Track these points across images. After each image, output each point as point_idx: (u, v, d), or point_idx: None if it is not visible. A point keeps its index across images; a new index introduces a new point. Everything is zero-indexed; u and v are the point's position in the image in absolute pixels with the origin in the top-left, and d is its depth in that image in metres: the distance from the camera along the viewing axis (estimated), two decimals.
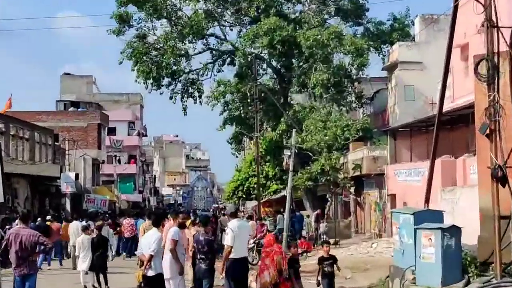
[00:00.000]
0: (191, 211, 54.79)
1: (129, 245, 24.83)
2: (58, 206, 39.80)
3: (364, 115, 36.48)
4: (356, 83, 34.25)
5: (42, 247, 10.62)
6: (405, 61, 31.08)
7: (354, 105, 34.72)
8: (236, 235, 10.72)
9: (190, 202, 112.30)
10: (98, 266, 15.48)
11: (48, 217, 25.14)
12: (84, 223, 21.67)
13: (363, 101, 35.51)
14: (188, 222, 14.03)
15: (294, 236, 29.60)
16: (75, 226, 21.71)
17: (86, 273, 15.69)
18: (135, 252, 13.13)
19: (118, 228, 26.01)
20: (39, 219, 23.97)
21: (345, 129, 29.25)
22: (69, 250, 23.05)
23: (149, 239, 10.74)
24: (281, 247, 12.79)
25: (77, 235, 19.33)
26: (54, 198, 40.30)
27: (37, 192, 37.44)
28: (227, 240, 10.81)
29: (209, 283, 11.15)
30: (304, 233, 29.74)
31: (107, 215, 31.56)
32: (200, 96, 35.67)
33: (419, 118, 26.31)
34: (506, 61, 10.74)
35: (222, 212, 38.16)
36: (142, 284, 10.84)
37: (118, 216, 33.26)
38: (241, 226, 11.11)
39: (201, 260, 11.22)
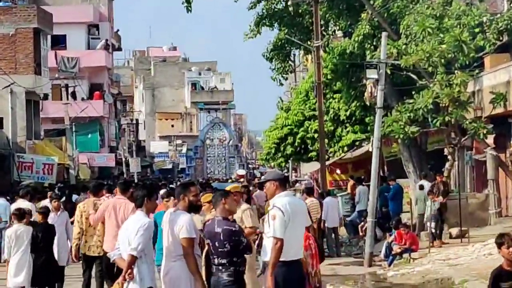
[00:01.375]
0: (203, 181, 55.36)
1: None
2: None
3: None
4: None
5: None
6: None
7: None
8: (288, 221, 10.91)
9: (200, 167, 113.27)
10: (46, 278, 15.87)
11: None
12: (24, 202, 22.00)
13: None
14: (205, 198, 14.01)
15: (385, 224, 29.82)
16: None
17: None
18: (108, 254, 13.39)
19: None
20: None
21: (476, 30, 29.05)
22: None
23: (130, 228, 11.01)
24: (312, 237, 12.86)
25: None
26: None
27: None
28: (274, 228, 10.97)
29: None
30: (404, 218, 29.85)
31: (56, 191, 32.07)
32: None
33: None
34: None
35: (257, 182, 38.44)
36: None
37: (74, 191, 33.65)
38: (295, 206, 11.31)
39: (220, 267, 11.37)
